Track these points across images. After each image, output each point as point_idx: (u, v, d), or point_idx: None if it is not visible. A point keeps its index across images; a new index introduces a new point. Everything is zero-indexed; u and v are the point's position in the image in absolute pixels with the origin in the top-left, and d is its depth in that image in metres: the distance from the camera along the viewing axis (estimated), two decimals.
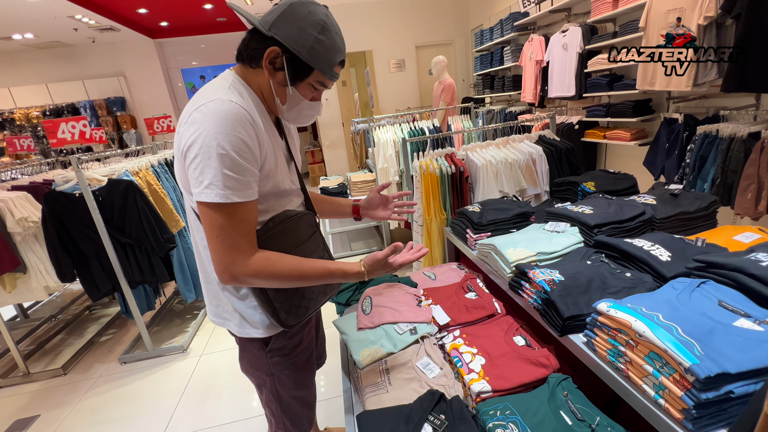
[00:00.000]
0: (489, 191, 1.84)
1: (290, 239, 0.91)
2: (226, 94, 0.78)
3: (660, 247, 1.03)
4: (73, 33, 5.65)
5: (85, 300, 3.36)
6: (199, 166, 0.74)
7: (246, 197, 0.78)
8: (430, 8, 6.13)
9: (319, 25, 0.80)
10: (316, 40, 0.80)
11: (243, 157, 0.76)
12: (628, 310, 0.77)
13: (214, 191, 0.74)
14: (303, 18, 0.79)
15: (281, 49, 0.80)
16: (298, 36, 0.79)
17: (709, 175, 2.25)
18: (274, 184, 0.88)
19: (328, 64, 0.84)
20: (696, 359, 0.62)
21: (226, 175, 0.74)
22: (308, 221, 0.97)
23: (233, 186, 0.75)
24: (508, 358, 1.03)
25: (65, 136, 2.30)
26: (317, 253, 0.99)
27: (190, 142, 0.75)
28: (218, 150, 0.73)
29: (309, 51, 0.80)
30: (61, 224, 2.07)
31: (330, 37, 0.82)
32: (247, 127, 0.76)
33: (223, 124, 0.74)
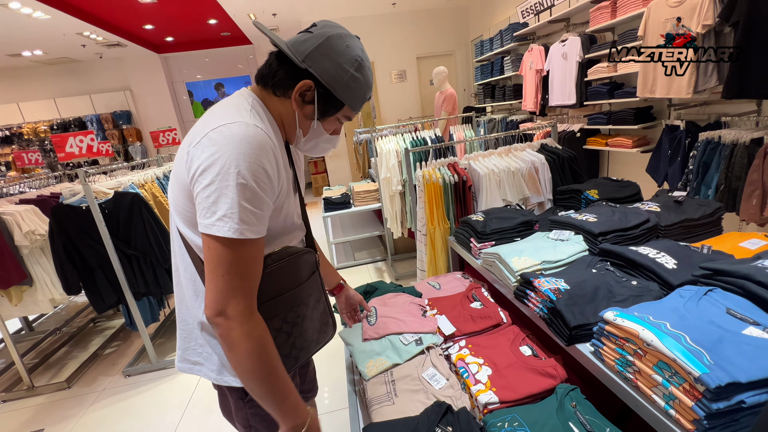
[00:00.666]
0: (492, 200, 1.85)
1: (289, 279, 0.82)
2: (249, 116, 0.71)
3: (665, 254, 1.03)
4: (81, 49, 5.78)
5: (90, 312, 3.36)
6: (213, 194, 0.66)
7: (259, 234, 0.70)
8: (431, 20, 6.23)
9: (357, 62, 0.77)
10: (353, 78, 0.77)
11: (263, 189, 0.69)
12: (636, 318, 0.77)
13: (228, 224, 0.66)
14: (341, 53, 0.75)
15: (315, 83, 0.76)
16: (335, 72, 0.75)
17: (712, 182, 2.25)
18: (285, 217, 0.81)
19: (360, 101, 0.81)
20: (706, 368, 0.62)
21: (244, 208, 0.66)
22: (308, 260, 0.88)
23: (249, 220, 0.67)
24: (515, 368, 1.03)
25: (73, 150, 2.34)
26: (315, 295, 0.90)
27: (205, 165, 0.66)
28: (238, 179, 0.65)
29: (344, 88, 0.77)
30: (68, 237, 2.09)
31: (365, 74, 0.79)
32: (269, 157, 0.70)
33: (245, 151, 0.66)
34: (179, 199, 0.74)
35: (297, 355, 0.85)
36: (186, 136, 0.75)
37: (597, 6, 3.14)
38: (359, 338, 1.25)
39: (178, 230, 0.78)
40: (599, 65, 3.20)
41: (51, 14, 4.22)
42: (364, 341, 1.23)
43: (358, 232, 3.77)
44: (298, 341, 0.84)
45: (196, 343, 0.85)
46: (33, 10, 4.06)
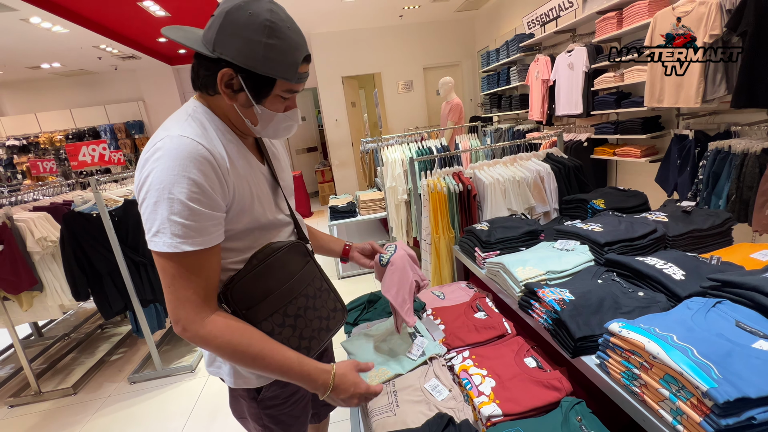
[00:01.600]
0: (497, 209, 1.84)
1: (280, 274, 0.81)
2: (179, 128, 0.69)
3: (673, 265, 1.01)
4: (97, 61, 5.96)
5: (98, 319, 3.40)
6: (146, 212, 0.67)
7: (200, 245, 0.68)
8: (438, 31, 6.31)
9: (266, 26, 0.67)
10: (268, 47, 0.68)
11: (195, 200, 0.66)
12: (641, 330, 0.75)
13: (162, 239, 0.66)
14: (245, 25, 0.67)
15: (233, 69, 0.69)
16: (246, 48, 0.68)
17: (723, 192, 2.21)
18: (253, 219, 0.79)
19: (291, 68, 0.71)
20: (713, 383, 0.60)
21: (175, 222, 0.66)
22: (298, 250, 0.86)
23: (183, 234, 0.66)
24: (519, 380, 1.01)
25: (86, 158, 2.40)
26: (314, 284, 0.88)
27: (139, 185, 0.68)
28: (166, 194, 0.65)
29: (264, 62, 0.69)
30: (78, 244, 2.13)
31: (283, 36, 0.69)
32: (202, 165, 0.67)
33: (171, 165, 0.65)
34: None
35: (308, 345, 0.84)
36: None
37: (603, 17, 3.15)
38: (362, 348, 1.25)
39: None
40: (606, 75, 3.20)
41: (70, 28, 4.37)
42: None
43: (363, 240, 3.76)
44: (305, 332, 0.84)
45: None
46: (53, 25, 4.21)
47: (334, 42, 6.06)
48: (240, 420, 0.98)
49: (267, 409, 0.89)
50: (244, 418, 0.97)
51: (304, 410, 0.97)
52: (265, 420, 0.90)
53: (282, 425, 0.91)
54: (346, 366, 0.82)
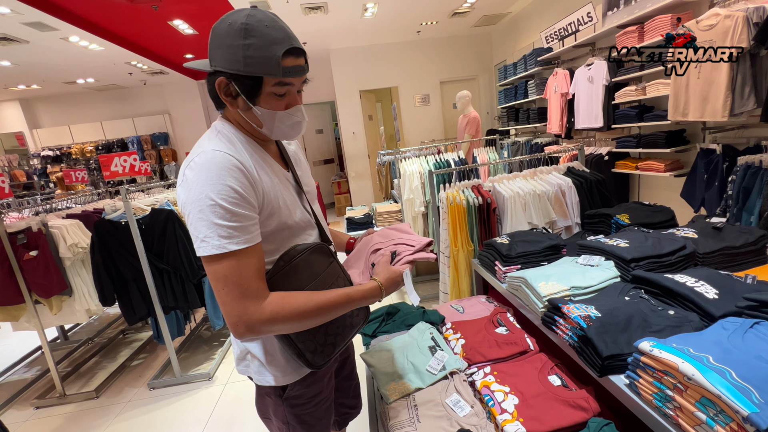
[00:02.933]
0: (517, 223, 1.82)
1: (305, 274, 0.86)
2: (212, 144, 0.77)
3: (705, 283, 0.98)
4: (128, 77, 6.27)
5: (120, 324, 3.49)
6: (193, 222, 0.73)
7: (244, 243, 0.74)
8: (455, 46, 6.39)
9: (242, 30, 0.72)
10: (245, 47, 0.73)
11: (235, 204, 0.73)
12: (675, 350, 0.73)
13: (210, 243, 0.72)
14: (225, 34, 0.74)
15: (225, 77, 0.76)
16: (229, 54, 0.74)
17: (755, 208, 2.13)
18: (281, 221, 0.84)
19: (271, 62, 0.74)
20: (755, 408, 0.58)
21: (219, 225, 0.71)
22: (322, 251, 0.92)
23: (228, 235, 0.72)
24: (543, 398, 0.98)
25: (117, 169, 2.51)
26: (337, 283, 0.92)
27: (183, 200, 0.75)
28: (207, 202, 0.71)
29: (245, 62, 0.73)
30: (107, 250, 2.21)
31: (259, 34, 0.73)
32: (234, 173, 0.74)
33: (208, 176, 0.72)
34: None
35: (333, 341, 0.90)
36: None
37: (623, 31, 3.13)
38: (382, 360, 1.24)
39: None
40: (627, 88, 3.16)
41: (105, 46, 4.63)
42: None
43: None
44: (330, 329, 0.89)
45: (243, 348, 0.93)
46: (89, 43, 4.47)
47: (352, 57, 6.21)
48: (264, 420, 1.02)
49: (292, 408, 0.93)
50: (268, 419, 1.00)
51: (326, 412, 1.00)
52: (289, 418, 0.94)
53: (305, 425, 0.95)
54: (382, 270, 0.94)
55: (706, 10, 2.43)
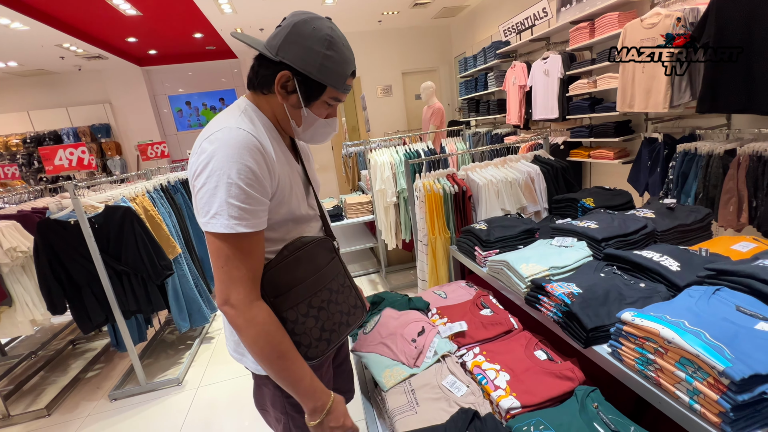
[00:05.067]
0: (491, 210, 1.89)
1: (307, 267, 0.86)
2: (235, 121, 0.77)
3: (668, 257, 1.08)
4: (60, 61, 5.62)
5: (68, 334, 3.19)
6: (205, 196, 0.73)
7: (253, 227, 0.75)
8: (415, 37, 6.42)
9: (326, 40, 0.77)
10: (325, 57, 0.77)
11: (251, 185, 0.73)
12: (654, 318, 0.80)
13: (220, 221, 0.72)
14: (308, 36, 0.77)
15: (291, 72, 0.78)
16: (306, 55, 0.77)
17: (692, 190, 2.38)
18: (289, 210, 0.85)
19: (341, 79, 0.81)
20: (728, 362, 0.65)
21: (232, 205, 0.72)
22: (326, 246, 0.92)
23: (239, 216, 0.73)
24: (532, 372, 1.04)
25: (62, 162, 2.25)
26: (338, 280, 0.93)
27: (198, 170, 0.74)
28: (225, 179, 0.71)
29: (319, 69, 0.78)
30: (54, 253, 1.99)
31: (338, 50, 0.79)
32: (255, 155, 0.74)
33: (229, 152, 0.72)
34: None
35: (328, 338, 0.88)
36: None
37: (576, 26, 3.32)
38: None
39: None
40: (579, 81, 3.37)
41: (30, 26, 4.11)
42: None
43: (350, 244, 3.75)
44: (327, 324, 0.88)
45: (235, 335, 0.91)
46: (11, 21, 3.94)
47: None
48: (261, 412, 1.03)
49: (289, 398, 0.91)
50: (265, 410, 1.00)
51: None
52: (287, 408, 0.94)
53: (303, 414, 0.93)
54: (340, 397, 0.89)
55: (648, 10, 2.64)
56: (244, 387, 2.25)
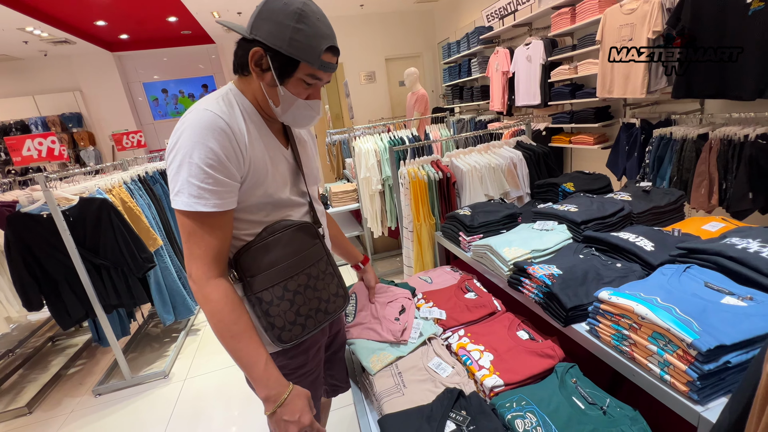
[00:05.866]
0: (475, 195, 1.92)
1: (286, 249, 0.87)
2: (207, 103, 0.79)
3: (643, 238, 1.12)
4: (23, 46, 5.31)
5: (47, 331, 3.10)
6: (171, 173, 0.77)
7: (213, 207, 0.76)
8: (398, 22, 6.32)
9: (296, 14, 0.75)
10: (295, 30, 0.75)
11: (211, 166, 0.75)
12: (629, 296, 0.84)
13: (181, 198, 0.75)
14: (279, 11, 0.76)
15: (263, 49, 0.77)
16: (277, 30, 0.76)
17: (666, 174, 2.46)
18: (266, 193, 0.85)
19: (314, 53, 0.78)
20: (696, 335, 0.69)
21: (192, 184, 0.75)
22: (308, 231, 0.92)
23: (198, 194, 0.75)
24: (514, 352, 1.08)
25: (31, 153, 2.15)
26: (319, 266, 0.93)
27: (168, 151, 0.78)
28: (187, 159, 0.74)
29: (290, 43, 0.76)
30: (28, 248, 1.92)
31: (310, 24, 0.76)
32: (219, 136, 0.75)
33: (194, 133, 0.75)
34: None
35: (303, 323, 0.89)
36: None
37: (557, 12, 3.33)
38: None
39: None
40: (561, 67, 3.40)
41: None
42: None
43: None
44: (302, 309, 0.89)
45: None
46: None
47: None
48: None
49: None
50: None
51: (313, 385, 1.00)
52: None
53: None
54: (303, 392, 0.85)
55: None
56: (232, 377, 2.25)
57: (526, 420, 0.85)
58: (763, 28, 1.89)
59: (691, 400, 0.70)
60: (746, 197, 2.01)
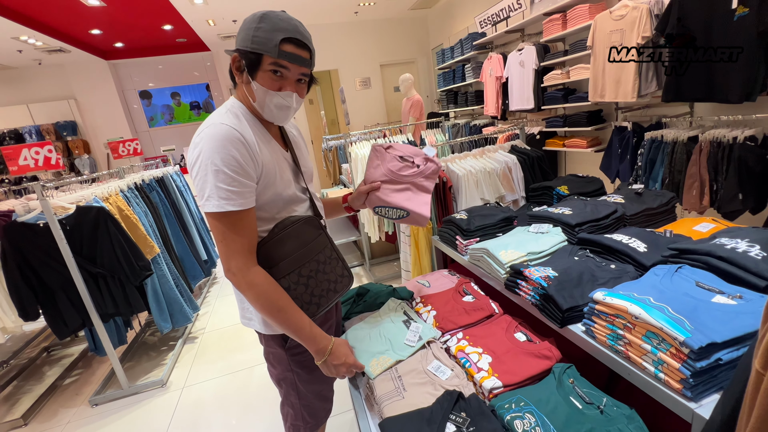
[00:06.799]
0: (471, 199, 1.94)
1: (296, 242, 0.99)
2: (221, 118, 0.89)
3: (636, 239, 1.15)
4: (17, 55, 5.30)
5: (42, 341, 3.07)
6: (199, 182, 0.87)
7: (241, 206, 0.88)
8: (393, 29, 6.39)
9: (258, 17, 0.87)
10: (256, 29, 0.87)
11: (235, 171, 0.86)
12: (623, 296, 0.86)
13: (212, 202, 0.86)
14: (248, 20, 0.89)
15: (238, 54, 0.90)
16: (245, 34, 0.88)
17: (659, 176, 2.50)
18: (275, 192, 0.97)
19: (271, 43, 0.87)
20: (688, 333, 0.71)
21: (220, 188, 0.85)
22: (312, 224, 1.04)
23: (227, 197, 0.86)
24: (512, 354, 1.09)
25: (27, 162, 2.14)
26: (325, 252, 1.06)
27: (192, 161, 0.88)
28: (212, 167, 0.84)
29: (252, 40, 0.87)
30: (24, 258, 1.91)
31: (269, 21, 0.87)
32: (237, 145, 0.86)
33: (215, 145, 0.85)
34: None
35: (318, 302, 1.03)
36: None
37: (549, 18, 3.40)
38: (358, 339, 1.27)
39: None
40: (554, 72, 3.46)
41: None
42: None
43: (334, 238, 3.74)
44: (316, 291, 1.03)
45: (246, 303, 1.04)
46: None
47: None
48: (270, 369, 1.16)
49: (294, 356, 1.08)
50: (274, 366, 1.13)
51: None
52: (292, 365, 1.09)
53: (307, 369, 1.11)
54: (342, 340, 1.06)
55: (616, 2, 2.73)
56: (230, 385, 2.24)
57: (525, 420, 0.86)
58: (748, 33, 1.94)
59: (685, 397, 0.71)
60: (736, 198, 2.05)
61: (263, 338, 1.11)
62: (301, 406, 1.16)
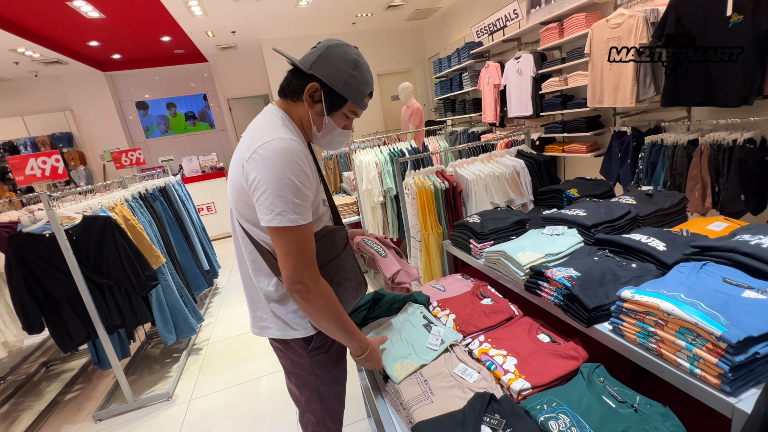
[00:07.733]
0: (481, 204, 1.95)
1: (330, 251, 1.04)
2: (283, 132, 0.90)
3: (655, 239, 1.16)
4: (13, 67, 5.28)
5: (40, 356, 3.00)
6: (270, 197, 0.86)
7: (308, 220, 0.91)
8: (389, 39, 6.48)
9: (353, 62, 0.94)
10: (350, 76, 0.94)
11: (306, 185, 0.89)
12: (652, 293, 0.86)
13: (287, 217, 0.86)
14: (338, 57, 0.93)
15: (320, 84, 0.94)
16: (335, 72, 0.93)
17: (660, 179, 2.54)
18: (316, 205, 1.01)
19: (360, 95, 0.98)
20: (725, 327, 0.72)
21: (295, 203, 0.87)
22: (341, 235, 1.09)
23: (299, 211, 0.88)
24: (537, 355, 1.09)
25: (34, 172, 2.12)
26: (350, 261, 1.11)
27: (260, 176, 0.86)
28: (287, 182, 0.86)
29: (344, 85, 0.94)
30: (29, 269, 1.88)
31: (362, 72, 0.96)
32: (304, 161, 0.90)
33: (288, 160, 0.86)
34: (240, 204, 0.95)
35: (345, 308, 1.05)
36: (235, 151, 0.96)
37: (546, 27, 3.47)
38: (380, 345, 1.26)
39: (241, 226, 0.99)
40: (551, 79, 3.52)
41: None
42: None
43: None
44: (343, 297, 1.07)
45: (262, 311, 1.06)
46: None
47: (287, 48, 5.87)
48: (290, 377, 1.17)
49: (315, 357, 1.10)
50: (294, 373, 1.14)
51: (343, 355, 1.21)
52: (314, 368, 1.11)
53: (326, 370, 1.14)
54: (376, 345, 1.14)
55: (612, 11, 2.80)
56: (238, 397, 2.20)
57: (560, 421, 0.86)
58: (743, 40, 2.00)
59: (724, 392, 0.72)
60: (738, 199, 2.09)
61: (282, 345, 1.10)
62: (323, 411, 1.18)
